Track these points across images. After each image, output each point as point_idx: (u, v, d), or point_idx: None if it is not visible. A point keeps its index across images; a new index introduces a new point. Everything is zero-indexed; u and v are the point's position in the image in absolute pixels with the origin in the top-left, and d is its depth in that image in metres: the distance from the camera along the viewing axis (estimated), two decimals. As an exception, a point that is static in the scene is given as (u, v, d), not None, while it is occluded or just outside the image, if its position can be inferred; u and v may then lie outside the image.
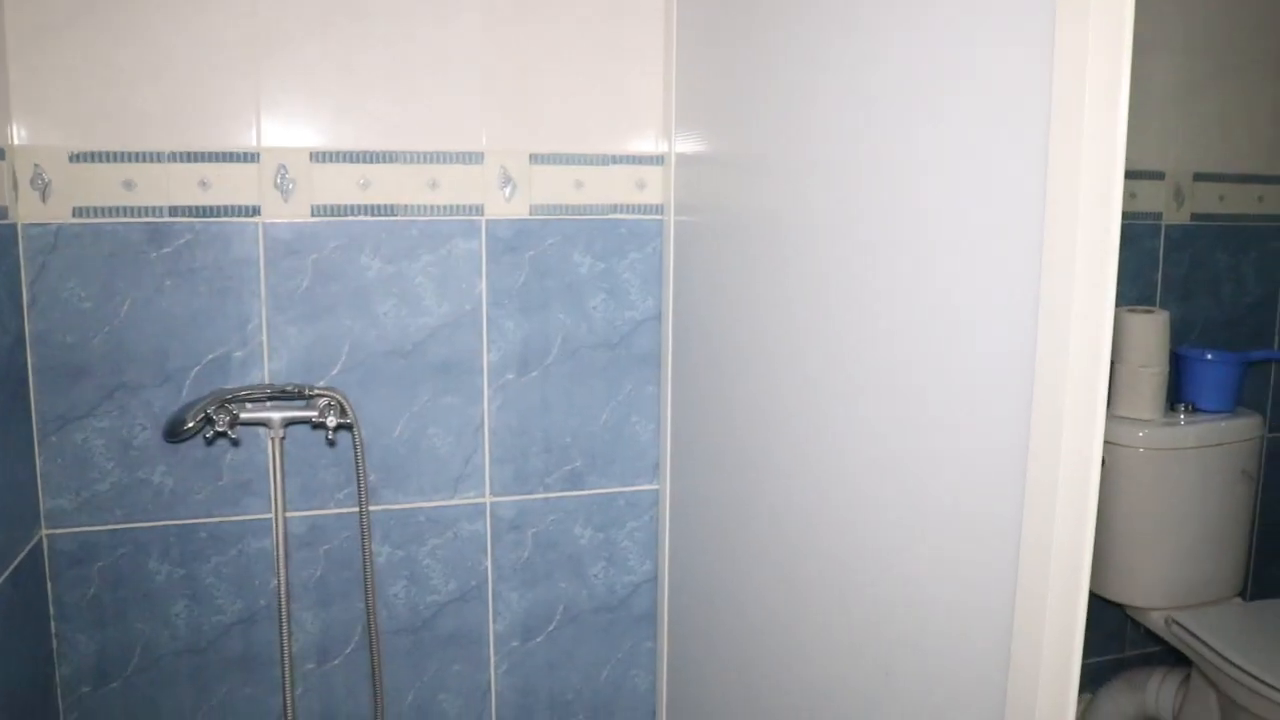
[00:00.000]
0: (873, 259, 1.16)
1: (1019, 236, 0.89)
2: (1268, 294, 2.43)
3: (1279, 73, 2.36)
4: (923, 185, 1.05)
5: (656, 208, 1.88)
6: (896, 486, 1.12)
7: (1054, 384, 0.84)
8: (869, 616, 1.19)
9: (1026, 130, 0.88)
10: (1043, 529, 0.86)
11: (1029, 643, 0.89)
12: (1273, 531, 2.57)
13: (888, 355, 1.13)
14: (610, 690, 2.03)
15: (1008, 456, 0.92)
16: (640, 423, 1.94)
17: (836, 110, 1.23)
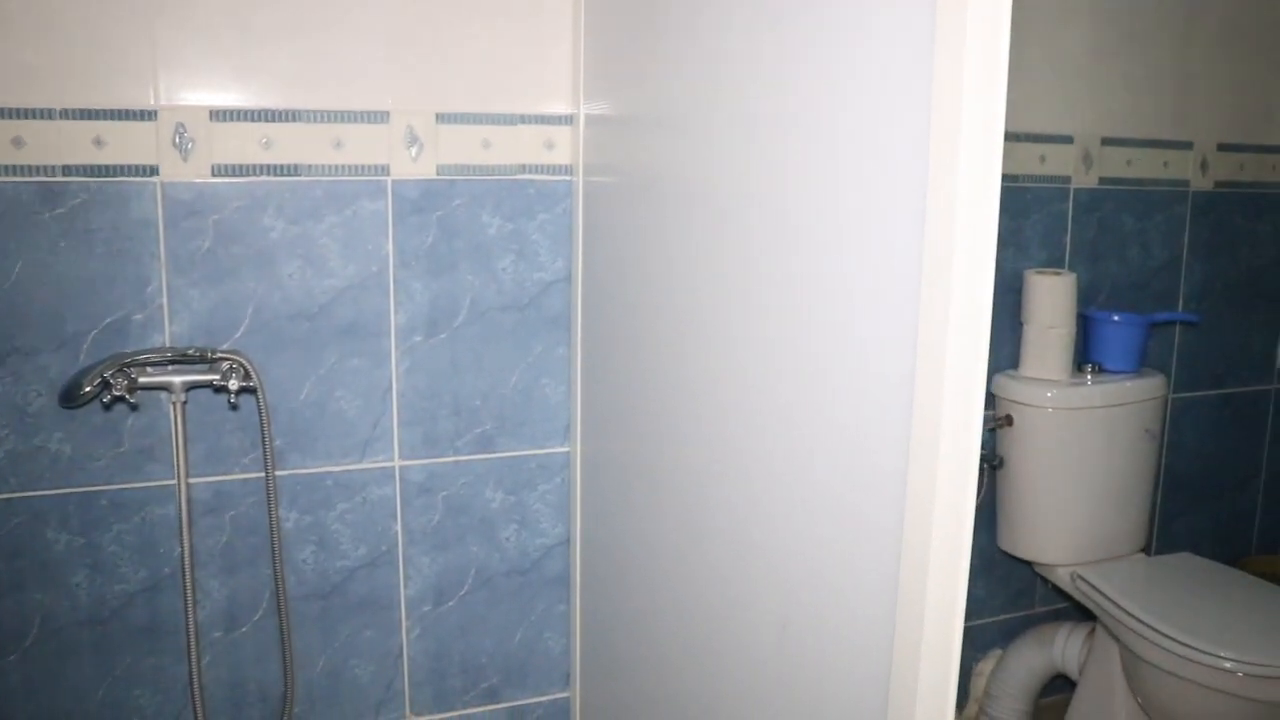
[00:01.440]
0: (769, 221, 1.20)
1: (904, 196, 0.93)
2: (1172, 257, 2.53)
3: (1185, 39, 2.45)
4: (814, 151, 1.10)
5: (566, 168, 1.91)
6: (790, 444, 1.17)
7: (935, 341, 0.89)
8: (767, 572, 1.24)
9: (911, 106, 0.92)
10: (925, 483, 0.91)
11: (913, 592, 0.94)
12: (1175, 489, 2.68)
13: (780, 317, 1.17)
14: (523, 653, 2.07)
15: (893, 414, 0.96)
16: (551, 385, 1.98)
17: (735, 72, 1.27)
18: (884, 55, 0.96)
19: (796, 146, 1.12)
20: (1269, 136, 2.62)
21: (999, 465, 2.31)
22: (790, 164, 1.13)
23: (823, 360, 1.08)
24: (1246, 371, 2.73)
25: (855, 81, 1.01)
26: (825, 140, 1.07)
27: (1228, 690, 1.91)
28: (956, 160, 0.84)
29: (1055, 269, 2.33)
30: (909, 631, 0.93)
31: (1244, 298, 2.67)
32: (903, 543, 0.95)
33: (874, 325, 0.99)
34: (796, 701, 1.17)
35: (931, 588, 0.91)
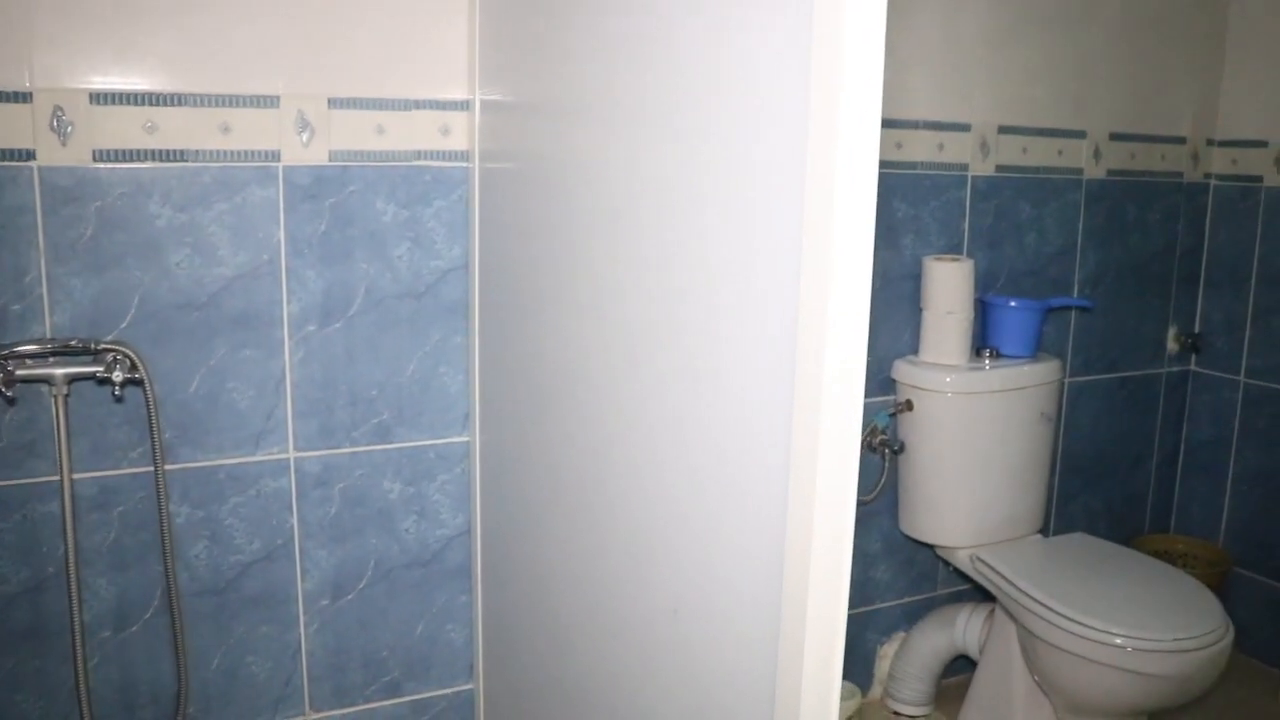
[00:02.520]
0: (656, 209, 1.21)
1: (784, 188, 0.95)
2: (1067, 244, 2.60)
3: (1079, 30, 2.52)
4: (699, 141, 1.11)
5: (462, 154, 1.90)
6: (678, 435, 1.18)
7: (815, 332, 0.90)
8: (658, 560, 1.26)
9: (790, 96, 0.93)
10: (807, 471, 0.93)
11: (798, 577, 0.96)
12: (1072, 471, 2.76)
13: (668, 308, 1.19)
14: (425, 646, 2.06)
15: (776, 403, 0.98)
16: (449, 373, 1.97)
17: (623, 60, 1.28)
18: (765, 43, 0.98)
19: (682, 136, 1.13)
20: (1158, 127, 2.71)
21: (899, 450, 2.35)
22: (676, 153, 1.14)
23: (708, 351, 1.10)
24: (1139, 355, 2.82)
25: (737, 70, 1.03)
26: (710, 129, 1.08)
27: (1118, 665, 1.97)
28: (834, 150, 0.86)
29: (954, 255, 2.39)
30: (794, 615, 0.95)
31: (1136, 283, 2.76)
32: (787, 530, 0.96)
33: (757, 315, 1.00)
34: (688, 684, 1.19)
35: (814, 574, 0.93)
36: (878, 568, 2.51)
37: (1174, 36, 2.69)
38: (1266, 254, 2.73)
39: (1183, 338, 2.89)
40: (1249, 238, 2.77)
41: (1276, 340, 2.68)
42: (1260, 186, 2.74)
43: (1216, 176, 2.84)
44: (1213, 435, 2.90)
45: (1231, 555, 2.86)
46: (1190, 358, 2.93)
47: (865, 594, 2.51)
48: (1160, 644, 1.95)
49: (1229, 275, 2.82)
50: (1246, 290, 2.78)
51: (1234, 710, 2.59)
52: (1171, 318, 2.87)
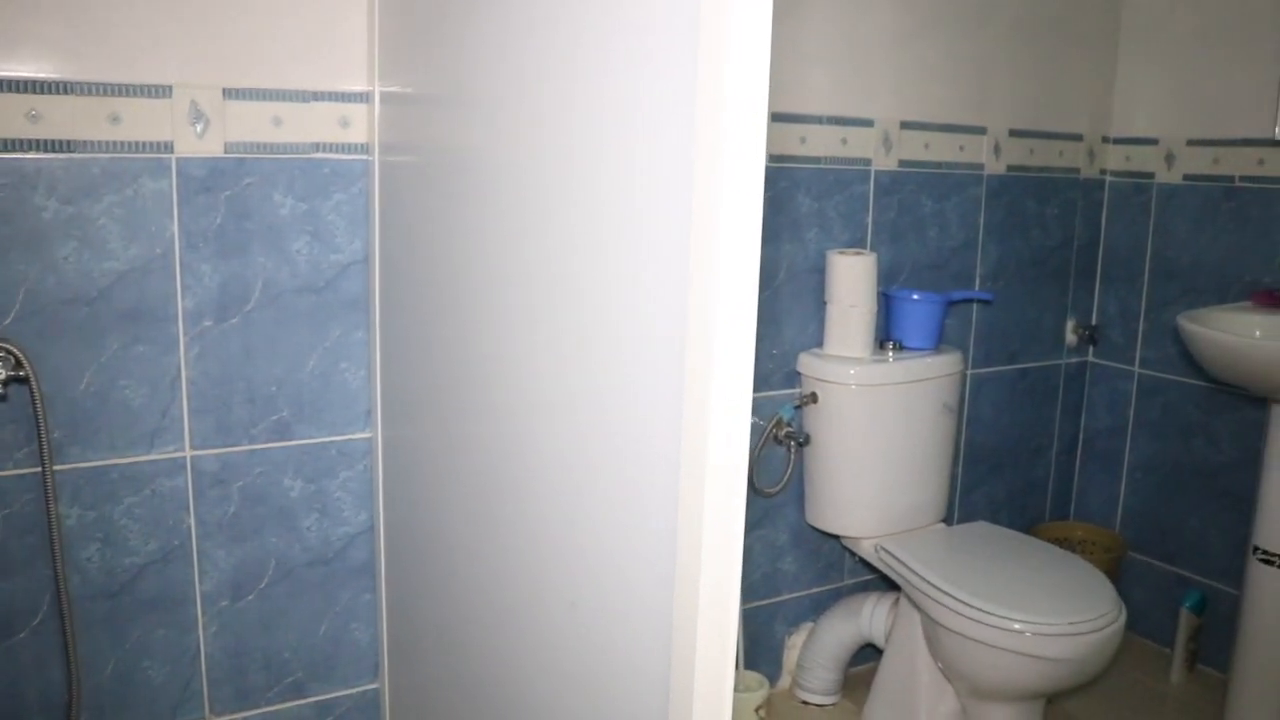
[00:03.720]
0: (548, 205, 1.21)
1: (674, 185, 0.95)
2: (969, 238, 2.66)
3: (980, 27, 2.57)
4: (591, 138, 1.11)
5: (362, 147, 1.88)
6: (572, 432, 1.19)
7: (701, 328, 0.91)
8: (555, 554, 1.26)
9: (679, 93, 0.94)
10: (696, 467, 0.93)
11: (689, 569, 0.96)
12: (974, 460, 2.83)
13: (564, 303, 1.19)
14: (329, 645, 2.04)
15: (666, 401, 0.98)
16: (350, 369, 1.95)
17: (519, 54, 1.27)
18: (654, 42, 0.98)
19: (577, 131, 1.13)
20: (1056, 124, 2.78)
21: (805, 442, 2.38)
22: (571, 148, 1.14)
23: (601, 346, 1.10)
24: (1039, 347, 2.89)
25: (627, 65, 1.03)
26: (604, 125, 1.08)
27: (1018, 650, 2.02)
28: (721, 145, 0.86)
29: (857, 249, 2.42)
30: (685, 605, 0.96)
31: (1035, 277, 2.83)
32: (678, 522, 0.97)
33: (649, 311, 1.01)
34: (587, 675, 1.19)
35: (706, 566, 0.94)
36: (785, 559, 2.54)
37: (1071, 36, 2.76)
38: (1158, 248, 2.82)
39: (1081, 330, 2.97)
40: (1142, 232, 2.85)
41: (1167, 332, 2.77)
42: (1152, 183, 2.82)
43: (1112, 173, 2.92)
44: (1109, 425, 2.99)
45: (1127, 540, 2.95)
46: (1088, 349, 3.01)
47: (773, 585, 2.53)
48: (1056, 628, 2.00)
49: (1124, 269, 2.91)
50: (1140, 284, 2.87)
51: (1129, 690, 2.68)
52: (1070, 310, 2.94)
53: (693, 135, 0.87)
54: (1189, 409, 2.78)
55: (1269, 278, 2.56)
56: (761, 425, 2.39)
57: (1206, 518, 2.76)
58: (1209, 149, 2.70)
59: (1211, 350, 2.26)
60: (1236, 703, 2.36)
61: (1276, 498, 2.28)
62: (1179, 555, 2.84)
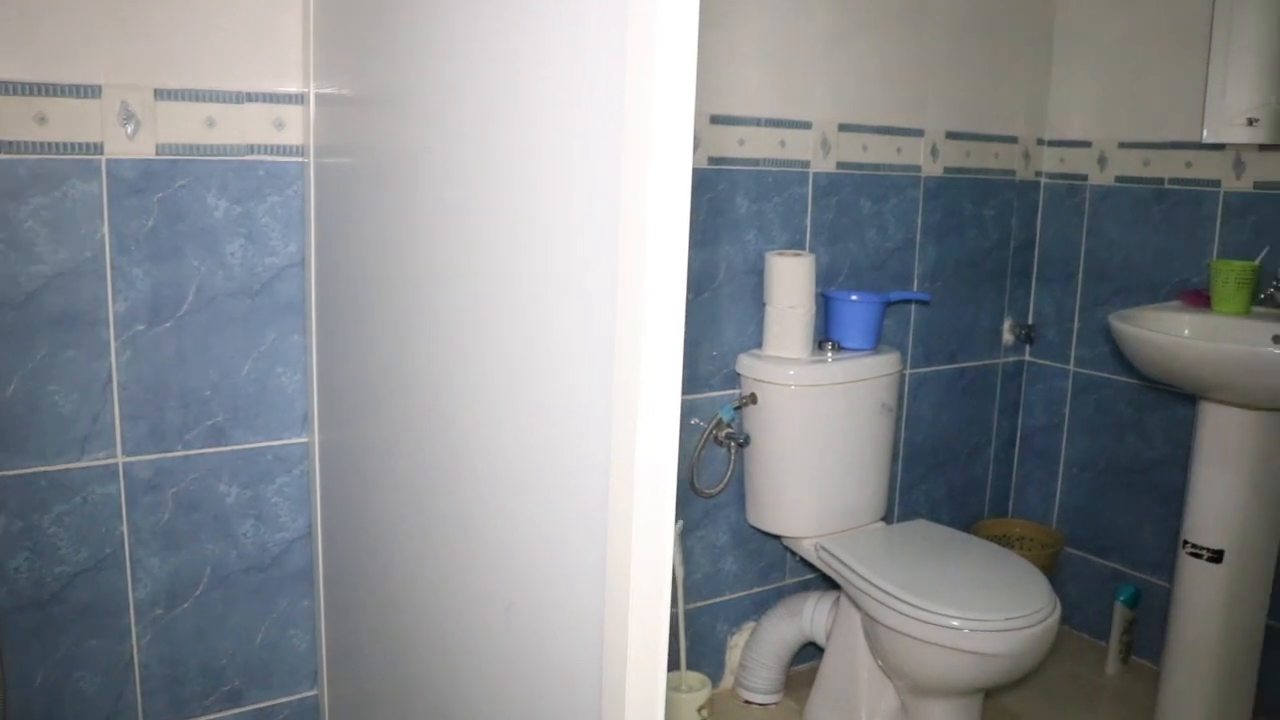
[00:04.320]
0: (479, 208, 1.21)
1: (602, 189, 0.96)
2: (907, 239, 2.69)
3: (917, 30, 2.60)
4: (521, 141, 1.11)
5: (297, 149, 1.87)
6: (509, 433, 1.19)
7: (631, 329, 0.91)
8: (491, 557, 1.26)
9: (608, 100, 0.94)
10: (625, 470, 0.93)
11: (619, 568, 0.97)
12: (914, 459, 2.86)
13: (494, 306, 1.19)
14: (267, 653, 2.02)
15: (598, 407, 0.99)
16: (286, 373, 1.93)
17: (454, 54, 1.27)
18: (583, 44, 0.99)
19: (505, 136, 1.13)
20: (992, 126, 2.83)
21: (745, 443, 2.40)
22: (503, 152, 1.15)
23: (533, 351, 1.10)
24: (977, 346, 2.93)
25: (558, 68, 1.03)
26: (534, 129, 1.09)
27: (955, 646, 2.05)
28: (649, 149, 0.87)
29: (796, 250, 2.44)
30: (617, 605, 0.97)
31: (973, 277, 2.87)
32: (609, 524, 0.97)
33: (579, 314, 1.01)
34: (522, 676, 1.20)
35: (636, 568, 0.94)
36: (726, 559, 2.55)
37: (1006, 40, 2.81)
38: (1092, 249, 2.87)
39: (1017, 329, 3.02)
40: (1076, 233, 2.91)
41: (1101, 331, 2.82)
42: (1086, 185, 2.88)
43: (1047, 175, 2.97)
44: (1046, 422, 3.04)
45: (1064, 536, 3.00)
46: (1025, 348, 3.06)
47: (715, 585, 2.55)
48: (993, 624, 2.03)
49: (1059, 269, 2.96)
50: (1075, 284, 2.92)
51: (1065, 682, 2.73)
52: (1007, 310, 2.99)
53: (621, 137, 0.88)
54: (1122, 406, 2.83)
55: (1197, 278, 2.62)
56: (701, 426, 2.40)
57: (1140, 513, 2.82)
58: (1140, 151, 2.75)
59: (1142, 349, 2.31)
60: (1168, 692, 2.41)
61: (1205, 492, 2.34)
62: (1113, 550, 2.90)
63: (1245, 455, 2.28)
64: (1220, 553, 2.31)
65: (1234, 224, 2.56)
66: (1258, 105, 2.46)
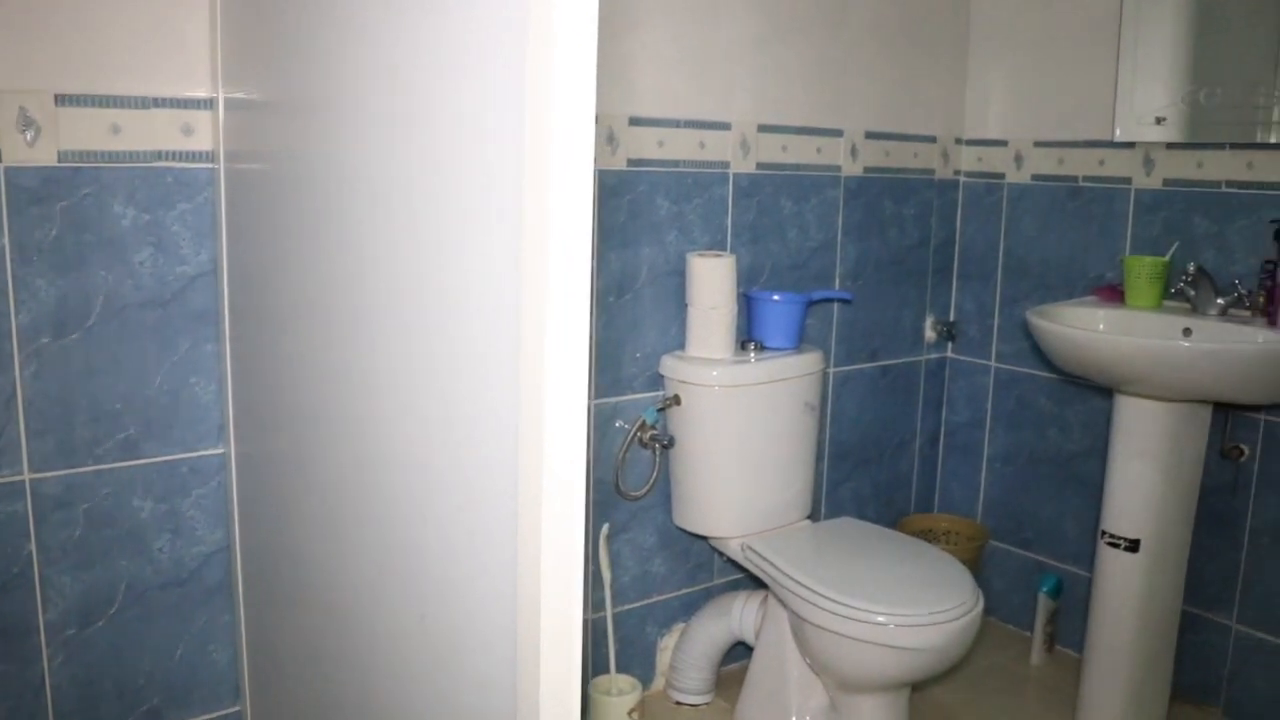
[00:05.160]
0: (386, 216, 1.20)
1: (505, 192, 0.95)
2: (828, 238, 2.72)
3: (835, 31, 2.63)
4: (427, 149, 1.10)
5: (207, 155, 1.84)
6: (420, 444, 1.18)
7: (534, 342, 0.91)
8: (404, 568, 1.26)
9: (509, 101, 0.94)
10: (532, 476, 0.93)
11: (530, 576, 0.97)
12: (840, 457, 2.89)
13: (404, 316, 1.18)
14: (186, 670, 1.98)
15: (505, 416, 0.98)
16: (201, 384, 1.90)
17: (359, 62, 1.26)
18: (485, 53, 0.98)
19: (411, 141, 1.13)
20: (911, 126, 2.86)
21: (669, 444, 2.41)
22: (405, 158, 1.14)
23: (441, 359, 1.10)
24: (899, 344, 2.97)
25: (460, 76, 1.03)
26: (440, 131, 1.08)
27: (881, 642, 2.07)
28: (548, 153, 0.87)
29: (717, 251, 2.46)
30: (528, 613, 0.96)
31: (894, 275, 2.91)
32: (518, 535, 0.97)
33: (485, 322, 1.01)
34: (438, 687, 1.19)
35: (546, 577, 0.94)
36: (654, 561, 2.56)
37: (924, 41, 2.85)
38: (1010, 246, 2.92)
39: (939, 326, 3.06)
40: (995, 231, 2.96)
41: (1020, 327, 2.87)
42: (1003, 183, 2.93)
43: (965, 173, 3.02)
44: (969, 418, 3.09)
45: (988, 529, 3.05)
46: (947, 345, 3.11)
47: (643, 588, 2.55)
48: (917, 619, 2.06)
49: (979, 267, 3.01)
50: (994, 281, 2.97)
51: (991, 673, 2.77)
52: (928, 307, 3.03)
53: (522, 141, 0.88)
54: (1042, 401, 2.89)
55: (1112, 273, 2.67)
56: (626, 429, 2.40)
57: (1061, 505, 2.88)
58: (1055, 150, 2.81)
59: (1058, 344, 2.35)
60: (1090, 679, 2.46)
61: (1121, 483, 2.39)
62: (1036, 542, 2.95)
63: (1160, 446, 2.34)
64: (1137, 542, 2.36)
65: (1145, 220, 2.62)
66: (1166, 104, 2.52)
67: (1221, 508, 2.52)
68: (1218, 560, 2.54)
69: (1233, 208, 2.46)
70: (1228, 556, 2.53)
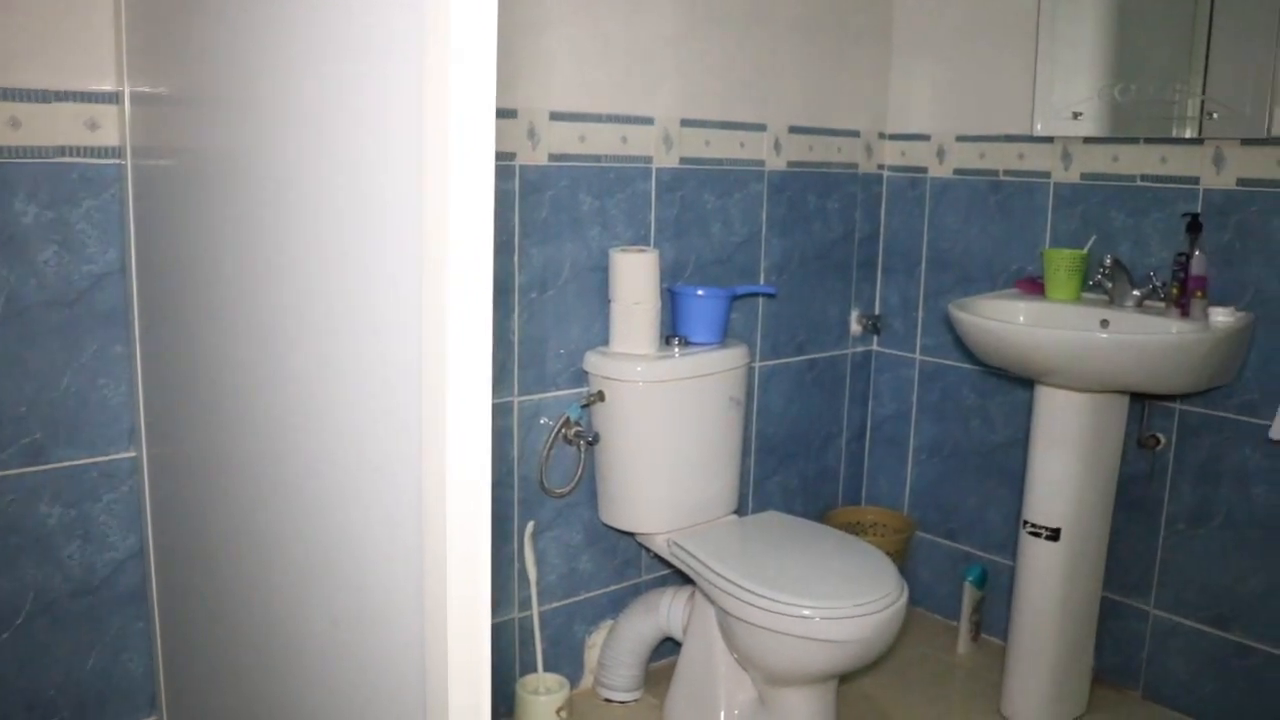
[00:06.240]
0: (297, 211, 1.18)
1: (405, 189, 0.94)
2: (753, 233, 2.73)
3: (759, 27, 2.65)
4: (327, 143, 1.09)
5: (114, 150, 1.80)
6: (328, 445, 1.17)
7: (435, 342, 0.90)
8: (315, 572, 1.24)
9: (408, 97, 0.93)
10: (437, 479, 0.92)
11: (436, 578, 0.96)
12: (767, 451, 2.91)
13: (312, 308, 1.17)
14: (99, 679, 1.94)
15: (407, 417, 0.97)
16: (110, 386, 1.86)
17: (262, 56, 1.24)
18: (383, 46, 0.97)
19: (314, 136, 1.11)
20: (834, 120, 2.89)
21: (594, 441, 2.41)
22: (308, 154, 1.13)
23: (347, 360, 1.09)
24: (825, 337, 3.00)
25: (362, 72, 1.02)
26: (338, 136, 1.07)
27: (807, 635, 2.09)
28: (447, 151, 0.86)
29: (640, 246, 2.46)
30: (435, 615, 0.96)
31: (819, 269, 2.93)
32: (424, 532, 0.96)
33: (388, 319, 1.00)
34: (350, 691, 1.18)
35: (452, 580, 0.93)
36: (581, 559, 2.56)
37: (847, 35, 2.88)
38: (933, 240, 2.96)
39: (865, 320, 3.09)
40: (918, 225, 3.00)
41: (944, 320, 2.91)
42: (926, 177, 2.97)
43: (889, 168, 3.05)
44: (895, 410, 3.13)
45: (915, 521, 3.09)
46: (872, 339, 3.14)
47: (570, 585, 2.55)
48: (842, 611, 2.08)
49: (903, 260, 3.04)
50: (918, 274, 3.01)
51: (919, 663, 2.81)
52: (854, 301, 3.06)
53: (421, 138, 0.87)
54: (966, 392, 2.93)
55: (1032, 266, 2.72)
56: (550, 425, 2.40)
57: (985, 495, 2.92)
58: (976, 144, 2.85)
59: (978, 336, 2.39)
60: (1014, 666, 2.51)
61: (1042, 473, 2.44)
62: (962, 532, 3.00)
63: (1079, 436, 2.39)
64: (1058, 531, 2.41)
65: (1064, 213, 2.68)
66: (1082, 99, 2.57)
67: (1139, 496, 2.58)
68: (1136, 547, 2.60)
69: (1147, 201, 2.51)
70: (1145, 543, 2.59)
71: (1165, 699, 2.59)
